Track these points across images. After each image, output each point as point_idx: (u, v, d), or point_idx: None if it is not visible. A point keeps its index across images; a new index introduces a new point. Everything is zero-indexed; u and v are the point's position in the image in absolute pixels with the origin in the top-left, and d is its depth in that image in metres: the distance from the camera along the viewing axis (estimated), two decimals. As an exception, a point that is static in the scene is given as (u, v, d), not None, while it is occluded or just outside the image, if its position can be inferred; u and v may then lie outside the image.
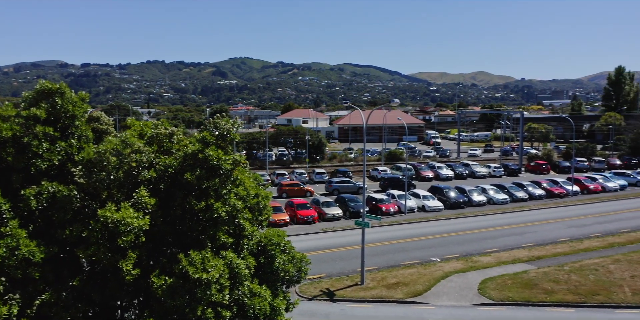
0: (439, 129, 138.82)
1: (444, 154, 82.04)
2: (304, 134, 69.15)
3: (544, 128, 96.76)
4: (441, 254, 29.96)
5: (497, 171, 61.65)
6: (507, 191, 46.73)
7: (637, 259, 27.96)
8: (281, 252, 14.53)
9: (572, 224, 37.34)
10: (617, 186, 51.66)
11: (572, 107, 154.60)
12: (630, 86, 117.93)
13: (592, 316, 21.05)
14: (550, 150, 73.54)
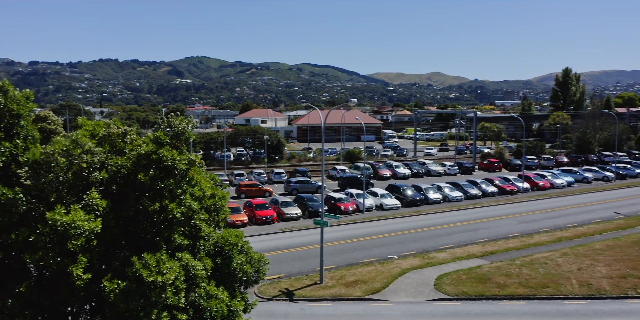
0: (396, 128, 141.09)
1: (401, 153, 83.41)
2: (263, 134, 68.80)
3: (496, 127, 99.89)
4: (399, 251, 30.44)
5: (452, 169, 63.19)
6: (462, 189, 47.98)
7: (584, 252, 29.26)
8: (239, 252, 14.40)
9: (523, 219, 38.72)
10: (564, 183, 53.93)
11: (522, 107, 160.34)
12: (576, 87, 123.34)
13: (542, 308, 21.88)
14: (502, 149, 75.98)
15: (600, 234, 33.59)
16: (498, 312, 21.48)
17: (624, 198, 47.08)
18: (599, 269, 26.08)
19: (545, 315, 20.98)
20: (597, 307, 21.87)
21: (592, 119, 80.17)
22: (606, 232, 33.88)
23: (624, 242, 31.07)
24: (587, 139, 78.33)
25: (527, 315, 21.07)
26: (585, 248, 30.02)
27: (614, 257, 27.98)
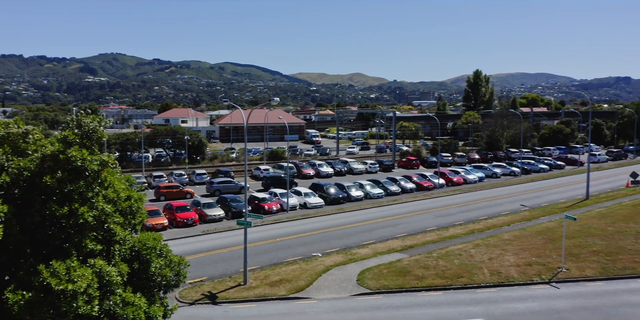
0: (319, 128, 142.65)
1: (324, 152, 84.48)
2: (183, 134, 66.89)
3: (414, 126, 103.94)
4: (323, 248, 30.83)
5: (373, 167, 64.97)
6: (382, 186, 49.48)
7: (494, 243, 31.19)
8: (157, 256, 13.92)
9: (439, 214, 40.62)
10: (476, 178, 57.23)
11: (437, 107, 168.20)
12: (486, 88, 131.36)
13: (457, 297, 23.06)
14: (419, 147, 79.26)
15: (508, 225, 35.98)
16: (417, 303, 22.37)
17: (529, 191, 50.77)
18: (507, 258, 27.93)
19: (460, 304, 22.14)
20: (506, 293, 23.40)
21: (500, 118, 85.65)
22: (513, 224, 36.35)
23: (529, 232, 33.49)
24: (496, 136, 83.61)
25: (443, 304, 22.13)
26: (495, 239, 32.03)
27: (520, 247, 30.08)
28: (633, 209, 39.96)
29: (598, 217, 37.30)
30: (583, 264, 26.88)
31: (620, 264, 26.71)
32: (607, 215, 37.88)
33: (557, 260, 27.18)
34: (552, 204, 43.39)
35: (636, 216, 37.41)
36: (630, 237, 31.65)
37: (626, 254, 28.31)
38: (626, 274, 25.47)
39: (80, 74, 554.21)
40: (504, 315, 20.83)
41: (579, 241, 30.91)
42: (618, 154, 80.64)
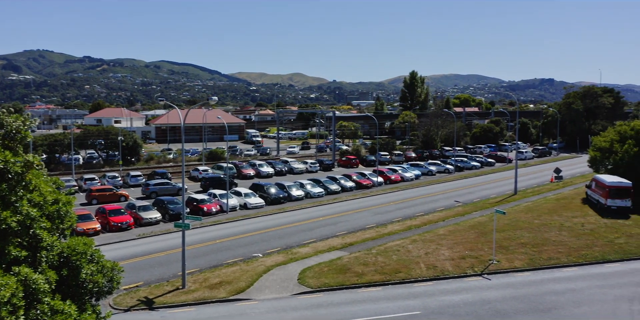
0: (259, 127, 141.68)
1: (265, 152, 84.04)
2: (117, 135, 64.34)
3: (353, 126, 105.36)
4: (263, 249, 30.68)
5: (314, 167, 65.36)
6: (323, 185, 49.89)
7: (430, 238, 32.26)
8: (88, 262, 13.32)
9: (377, 211, 41.48)
10: (413, 176, 58.92)
11: (376, 107, 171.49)
12: (421, 89, 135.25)
13: (395, 292, 23.67)
14: (358, 146, 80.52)
15: (443, 220, 37.32)
16: (357, 299, 22.75)
17: (462, 188, 52.88)
18: (442, 252, 28.97)
19: (398, 298, 22.74)
20: (442, 286, 24.28)
21: (435, 117, 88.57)
22: (448, 219, 37.76)
23: (463, 227, 34.91)
24: (431, 135, 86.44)
25: (382, 300, 22.63)
26: (431, 234, 33.14)
27: (454, 241, 31.30)
28: (557, 203, 42.56)
29: (525, 211, 39.44)
30: (512, 255, 28.35)
31: (546, 255, 28.41)
32: (533, 209, 40.13)
33: (489, 253, 28.51)
34: (484, 200, 45.43)
35: (559, 209, 39.89)
36: (554, 229, 33.72)
37: (551, 245, 30.13)
38: (551, 264, 27.13)
39: (3, 72, 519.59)
40: (439, 308, 21.59)
41: (509, 234, 32.57)
42: (543, 151, 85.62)
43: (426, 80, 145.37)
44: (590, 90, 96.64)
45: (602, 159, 44.38)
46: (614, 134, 44.86)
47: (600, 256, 28.32)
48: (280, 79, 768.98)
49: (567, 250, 29.16)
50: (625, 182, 38.57)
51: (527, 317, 20.57)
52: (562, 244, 30.32)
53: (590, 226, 34.47)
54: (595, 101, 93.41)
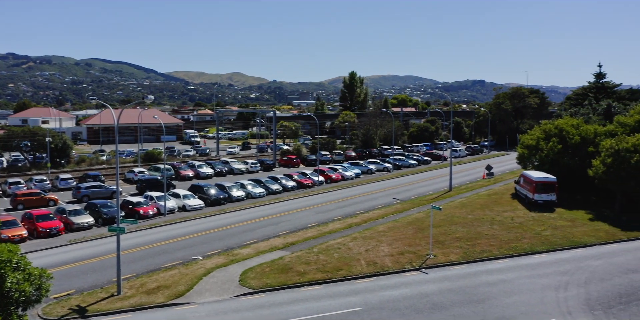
0: (199, 128, 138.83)
1: (204, 153, 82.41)
2: (44, 136, 60.87)
3: (294, 126, 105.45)
4: (203, 251, 30.05)
5: (254, 167, 64.81)
6: (264, 185, 49.58)
7: (370, 235, 32.81)
8: (14, 270, 12.57)
9: (319, 210, 41.72)
10: (353, 175, 59.75)
11: (316, 107, 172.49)
12: (360, 89, 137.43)
13: (337, 289, 23.87)
14: (299, 146, 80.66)
15: (382, 218, 38.08)
16: (299, 298, 22.75)
17: (401, 185, 54.21)
18: (382, 249, 29.55)
19: (340, 296, 22.96)
20: (382, 282, 24.74)
21: (374, 117, 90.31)
22: (387, 216, 38.57)
23: (401, 224, 35.78)
24: (370, 135, 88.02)
25: (324, 297, 22.77)
26: (371, 231, 33.73)
27: (394, 237, 32.01)
28: (488, 199, 44.54)
29: (460, 207, 40.99)
30: (448, 249, 29.36)
31: (479, 248, 29.64)
32: (467, 205, 41.78)
33: (426, 248, 29.38)
34: (421, 196, 46.78)
35: (491, 204, 41.76)
36: (487, 224, 35.26)
37: (483, 239, 31.48)
38: (484, 257, 28.33)
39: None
40: (380, 303, 22.00)
41: (444, 229, 33.71)
42: (475, 149, 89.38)
43: (365, 81, 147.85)
44: (518, 91, 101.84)
45: (529, 156, 46.87)
46: (539, 132, 47.48)
47: (529, 248, 29.90)
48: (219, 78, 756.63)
49: (498, 243, 30.56)
50: (550, 177, 40.94)
51: (462, 309, 21.36)
52: (494, 237, 31.75)
53: (520, 220, 36.33)
54: (522, 101, 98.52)
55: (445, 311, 21.12)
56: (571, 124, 45.63)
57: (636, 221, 35.90)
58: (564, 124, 45.78)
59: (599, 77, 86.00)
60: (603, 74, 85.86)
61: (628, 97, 79.75)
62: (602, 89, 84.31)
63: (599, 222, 35.73)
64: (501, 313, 20.88)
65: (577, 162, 43.07)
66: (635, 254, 29.12)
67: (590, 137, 43.62)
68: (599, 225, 34.76)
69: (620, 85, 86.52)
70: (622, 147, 36.78)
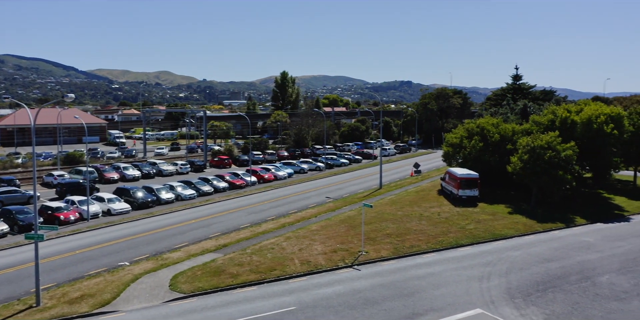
0: (124, 128, 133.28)
1: (130, 154, 79.18)
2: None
3: (225, 126, 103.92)
4: (131, 257, 28.88)
5: (184, 168, 63.12)
6: (194, 186, 48.41)
7: (303, 234, 32.94)
8: None
9: (252, 210, 41.34)
10: (286, 174, 59.73)
11: (248, 107, 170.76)
12: (292, 89, 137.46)
13: (271, 290, 23.76)
14: (231, 146, 79.51)
15: (315, 216, 38.35)
16: (232, 301, 22.42)
17: (333, 184, 54.86)
18: (315, 247, 29.76)
19: (274, 296, 22.87)
20: (315, 280, 24.91)
21: (306, 117, 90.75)
22: (320, 215, 38.89)
23: (334, 222, 36.21)
24: (303, 134, 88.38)
25: (258, 299, 22.59)
26: (305, 230, 33.87)
27: (327, 236, 32.33)
28: (416, 195, 46.08)
29: (390, 204, 42.11)
30: (379, 246, 30.08)
31: (408, 243, 30.60)
32: (396, 202, 43.00)
33: (358, 245, 29.92)
34: (353, 195, 47.58)
35: (419, 201, 43.23)
36: (415, 219, 36.47)
37: (412, 234, 32.53)
38: (413, 252, 29.29)
39: None
40: (314, 301, 22.14)
41: (376, 226, 34.49)
42: (404, 148, 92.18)
43: (297, 81, 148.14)
44: (442, 92, 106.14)
45: (454, 153, 48.99)
46: (463, 131, 49.74)
47: (454, 241, 31.26)
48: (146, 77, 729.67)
49: (426, 238, 31.71)
50: (473, 174, 43.01)
51: (393, 303, 21.96)
52: (422, 233, 32.91)
53: (445, 215, 37.90)
54: (447, 102, 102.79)
55: (377, 306, 21.61)
56: (491, 123, 48.17)
57: (550, 214, 38.55)
58: (485, 123, 48.23)
59: (516, 79, 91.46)
60: (520, 76, 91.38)
61: (542, 98, 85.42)
62: (518, 90, 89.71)
63: (518, 215, 38.01)
64: (430, 305, 21.68)
65: (497, 159, 45.55)
66: (550, 245, 31.25)
67: (509, 136, 46.26)
68: (518, 218, 36.99)
69: (535, 87, 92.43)
70: (537, 144, 39.31)
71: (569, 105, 47.71)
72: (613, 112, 43.23)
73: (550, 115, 46.35)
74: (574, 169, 40.25)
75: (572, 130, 43.34)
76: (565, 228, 35.47)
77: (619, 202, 43.54)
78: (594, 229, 35.51)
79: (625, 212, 40.19)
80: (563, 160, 38.59)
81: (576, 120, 43.34)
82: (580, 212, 39.40)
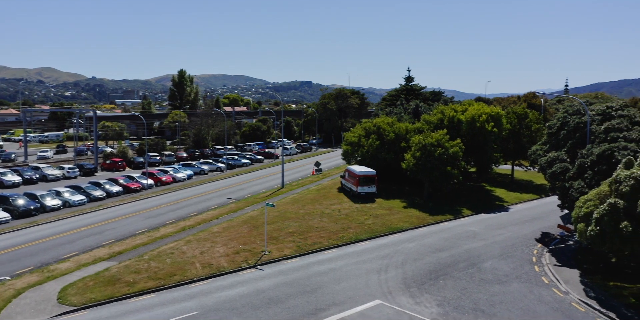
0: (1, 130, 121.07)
1: (8, 158, 72.08)
2: None
3: (118, 126, 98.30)
4: (12, 270, 26.38)
5: (72, 172, 58.75)
6: (85, 191, 45.28)
7: (205, 237, 32.18)
8: None
9: (149, 215, 39.57)
10: (185, 176, 57.88)
11: (143, 106, 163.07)
12: (191, 88, 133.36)
13: (171, 296, 22.93)
14: (125, 148, 75.33)
15: (217, 218, 37.65)
16: (129, 310, 21.33)
17: (235, 185, 54.16)
18: (217, 250, 29.22)
19: (174, 302, 22.10)
20: (218, 283, 24.47)
21: (206, 117, 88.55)
22: (222, 216, 38.24)
23: (236, 223, 35.79)
24: (203, 135, 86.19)
25: (157, 306, 21.70)
26: (206, 233, 33.12)
27: (229, 237, 31.88)
28: (318, 193, 46.96)
29: (292, 202, 42.50)
30: (282, 244, 30.26)
31: (311, 241, 31.12)
32: (299, 200, 43.50)
33: (261, 245, 29.87)
34: (255, 195, 47.34)
35: (320, 199, 44.10)
36: (317, 217, 37.17)
37: (314, 232, 33.13)
38: (315, 249, 29.83)
39: None
40: (216, 304, 21.74)
41: (278, 225, 34.64)
42: (305, 147, 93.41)
43: (195, 80, 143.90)
44: (341, 92, 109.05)
45: (353, 151, 50.60)
46: (361, 130, 51.52)
47: (354, 237, 32.33)
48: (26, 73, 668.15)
49: (328, 235, 32.45)
50: (371, 171, 44.73)
51: (296, 300, 22.21)
52: (324, 230, 33.63)
53: (346, 211, 39.05)
54: (345, 102, 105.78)
55: (281, 304, 21.73)
56: (387, 122, 50.43)
57: (441, 206, 41.24)
58: (381, 123, 50.37)
59: (409, 81, 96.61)
60: (412, 78, 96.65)
61: (432, 98, 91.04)
62: (411, 91, 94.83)
63: (412, 209, 40.21)
64: (332, 300, 22.23)
65: (393, 156, 47.80)
66: (440, 235, 33.43)
67: (403, 134, 48.73)
68: (412, 212, 39.12)
69: (426, 88, 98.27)
70: (427, 142, 41.83)
71: (456, 106, 51.40)
72: (493, 112, 47.31)
73: (440, 114, 49.53)
74: (461, 164, 43.42)
75: (458, 128, 46.71)
76: (454, 219, 38.16)
77: (499, 193, 47.70)
78: (479, 219, 38.57)
79: (505, 203, 44.12)
80: (451, 156, 41.46)
81: (462, 119, 46.77)
82: (467, 204, 42.61)
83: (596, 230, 21.71)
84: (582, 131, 32.71)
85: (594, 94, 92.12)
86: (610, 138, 29.90)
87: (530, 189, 49.93)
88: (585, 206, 23.29)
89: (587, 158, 29.81)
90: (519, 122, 50.83)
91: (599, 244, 22.08)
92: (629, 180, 21.78)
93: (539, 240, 32.72)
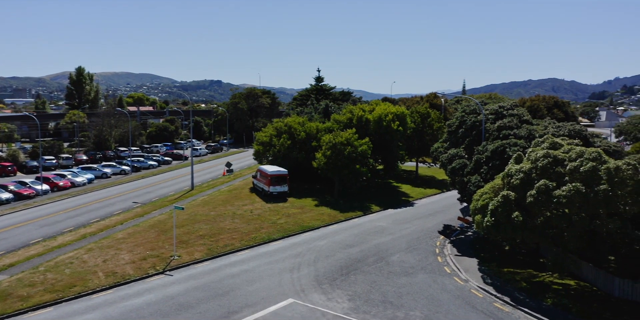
0: None
1: None
2: None
3: (7, 127, 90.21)
4: None
5: (-47, 179, 52.95)
6: (-32, 200, 41.00)
7: (108, 244, 30.44)
8: None
9: (44, 223, 36.68)
10: (85, 180, 54.33)
11: (36, 106, 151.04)
12: (91, 86, 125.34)
13: (71, 308, 21.44)
14: (15, 151, 69.30)
15: (121, 224, 35.75)
16: (22, 327, 19.66)
17: (141, 188, 51.76)
18: (122, 257, 27.77)
19: (74, 315, 20.70)
20: (123, 292, 23.25)
21: (108, 117, 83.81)
22: (127, 221, 36.39)
23: (143, 228, 34.23)
24: (104, 136, 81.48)
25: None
26: (109, 240, 31.34)
27: (135, 243, 30.41)
28: (229, 194, 46.22)
29: (202, 204, 41.46)
30: (192, 248, 29.41)
31: (222, 243, 30.55)
32: (209, 202, 42.53)
33: (170, 250, 28.83)
34: (163, 198, 45.58)
35: (232, 199, 43.44)
36: (228, 218, 36.57)
37: (226, 233, 32.57)
38: (227, 251, 29.34)
39: None
40: (121, 314, 20.66)
41: (188, 228, 33.63)
42: (216, 147, 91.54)
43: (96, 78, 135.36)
44: (252, 92, 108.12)
45: (264, 151, 50.37)
46: (272, 129, 51.41)
47: (267, 237, 32.22)
48: None
49: (240, 236, 32.05)
50: (282, 170, 44.81)
51: (208, 304, 21.71)
52: (236, 231, 33.17)
53: (258, 211, 38.81)
54: (256, 101, 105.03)
55: (192, 310, 21.12)
56: (298, 122, 50.77)
57: (351, 203, 42.30)
58: (292, 122, 50.61)
59: (319, 81, 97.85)
60: (322, 78, 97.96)
61: (341, 98, 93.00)
62: (321, 91, 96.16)
63: (323, 207, 40.85)
64: (245, 301, 21.99)
65: (304, 155, 48.22)
66: (351, 231, 34.29)
67: (314, 133, 49.31)
68: (323, 210, 39.75)
69: (335, 88, 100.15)
70: (337, 141, 42.69)
71: (364, 105, 52.94)
72: (398, 111, 49.32)
73: (349, 114, 50.75)
74: (369, 162, 44.82)
75: (366, 127, 48.17)
76: (364, 215, 39.32)
77: (405, 189, 49.89)
78: (387, 214, 40.06)
79: (410, 198, 46.21)
80: (360, 154, 42.66)
81: (369, 119, 48.28)
82: (375, 200, 44.09)
83: (491, 221, 23.41)
84: (478, 129, 35.11)
85: (488, 95, 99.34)
86: (502, 135, 32.39)
87: (433, 184, 52.76)
88: (482, 199, 25.01)
89: (482, 154, 32.05)
90: (422, 121, 53.52)
91: (494, 233, 23.84)
92: (519, 174, 23.70)
93: (442, 232, 34.64)
